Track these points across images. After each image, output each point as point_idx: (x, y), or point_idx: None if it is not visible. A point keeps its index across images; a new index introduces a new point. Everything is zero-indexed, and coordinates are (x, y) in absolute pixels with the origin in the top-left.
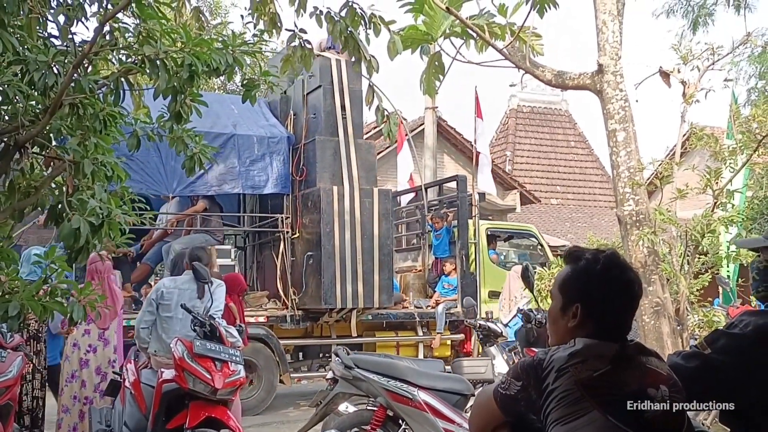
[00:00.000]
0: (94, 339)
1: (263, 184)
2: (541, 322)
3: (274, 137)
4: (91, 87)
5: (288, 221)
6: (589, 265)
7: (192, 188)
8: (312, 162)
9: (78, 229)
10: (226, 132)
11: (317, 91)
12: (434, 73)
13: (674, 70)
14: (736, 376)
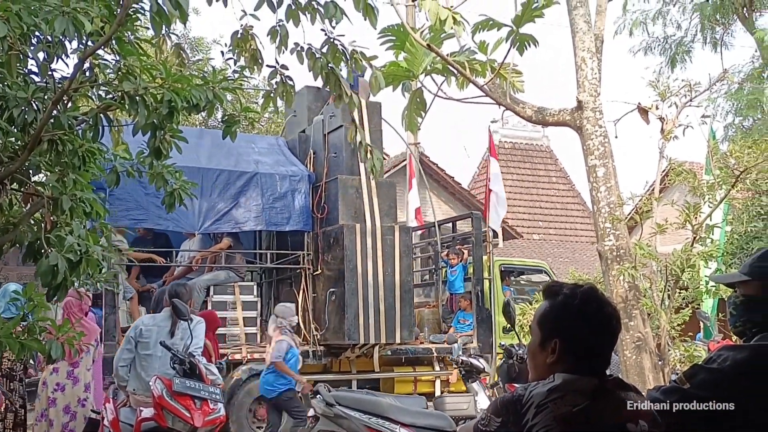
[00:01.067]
0: (62, 377)
1: (286, 222)
2: (522, 358)
3: (296, 175)
4: (71, 123)
5: (309, 258)
6: (567, 300)
7: (218, 225)
8: (334, 200)
9: (56, 266)
10: (249, 170)
11: (338, 131)
12: (416, 110)
13: (652, 107)
14: (714, 410)
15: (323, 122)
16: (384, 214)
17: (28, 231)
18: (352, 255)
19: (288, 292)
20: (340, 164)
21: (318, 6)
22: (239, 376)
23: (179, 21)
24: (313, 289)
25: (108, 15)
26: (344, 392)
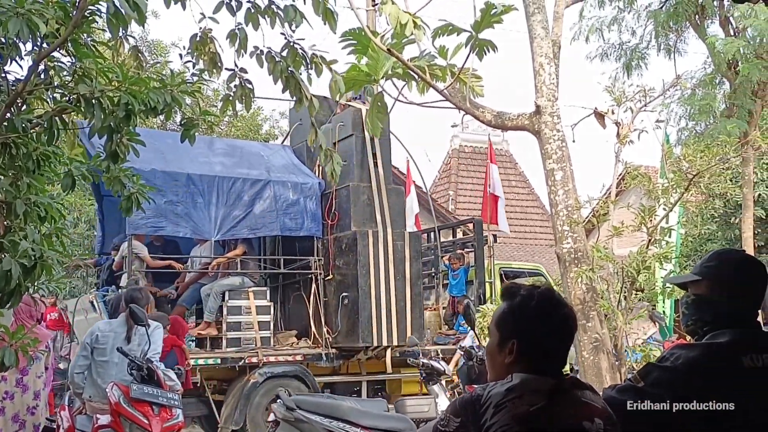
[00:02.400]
0: (11, 385)
1: (299, 228)
2: (482, 359)
3: (307, 183)
4: (24, 126)
5: (320, 263)
6: (524, 301)
7: (233, 232)
8: (345, 207)
9: (9, 271)
10: (263, 178)
11: (349, 140)
12: (377, 114)
13: (609, 112)
14: (668, 408)
15: (332, 131)
16: (394, 221)
17: None
18: (366, 260)
19: (297, 297)
20: (350, 172)
21: (277, 10)
22: (256, 379)
23: (137, 23)
24: (324, 294)
25: (63, 17)
26: (305, 396)
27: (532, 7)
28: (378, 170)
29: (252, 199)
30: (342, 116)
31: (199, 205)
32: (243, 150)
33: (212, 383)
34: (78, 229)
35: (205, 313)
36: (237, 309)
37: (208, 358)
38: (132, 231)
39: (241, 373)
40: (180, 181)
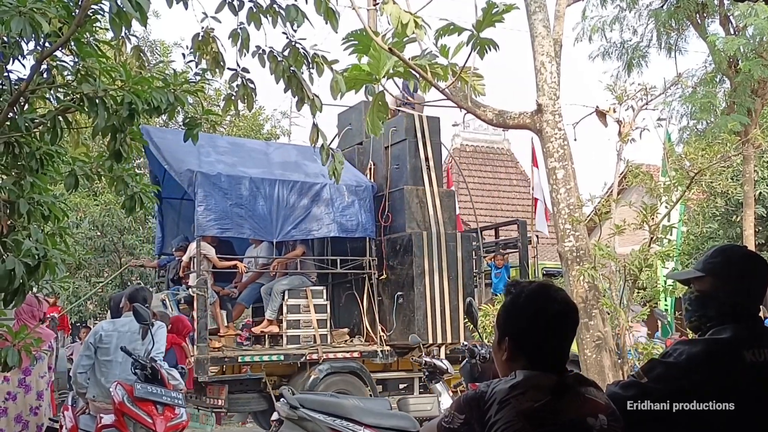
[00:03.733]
0: (13, 386)
1: (354, 229)
2: (485, 357)
3: (360, 186)
4: (28, 125)
5: (374, 263)
6: (514, 298)
7: (292, 233)
8: (399, 209)
9: (13, 271)
10: (319, 181)
11: (401, 144)
12: (378, 113)
13: (610, 110)
14: (670, 403)
15: (383, 135)
16: (446, 222)
17: None
18: (420, 260)
19: (348, 296)
20: (403, 175)
21: (279, 9)
22: (316, 375)
23: (139, 23)
24: (377, 293)
25: (66, 16)
26: (308, 395)
27: (534, 5)
28: (431, 173)
29: (310, 201)
30: (394, 122)
31: (260, 208)
32: (297, 154)
33: (272, 379)
34: (81, 228)
35: (267, 312)
36: (296, 307)
37: (272, 354)
38: (200, 233)
39: (300, 369)
40: (243, 184)
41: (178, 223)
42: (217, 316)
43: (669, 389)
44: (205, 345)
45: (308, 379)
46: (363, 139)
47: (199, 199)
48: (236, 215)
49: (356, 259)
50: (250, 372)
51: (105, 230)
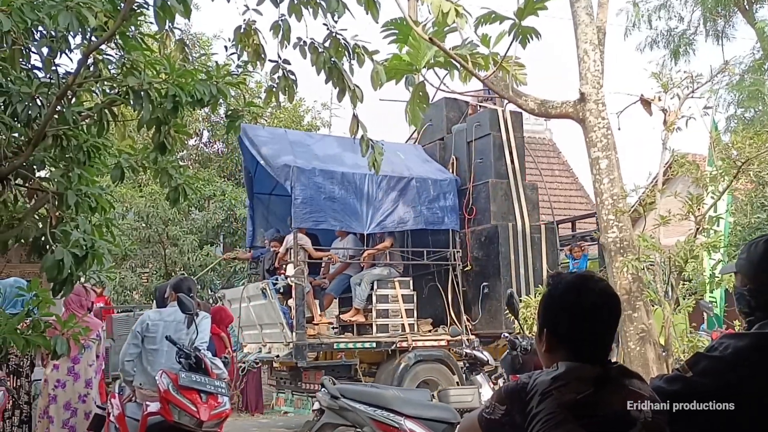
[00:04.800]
0: (62, 374)
1: (440, 221)
2: (526, 349)
3: (445, 179)
4: (75, 118)
5: (459, 255)
6: (551, 290)
7: (382, 226)
8: (483, 202)
9: (61, 261)
10: (406, 175)
11: (485, 139)
12: (419, 104)
13: (655, 99)
14: (716, 397)
15: (466, 131)
16: (530, 214)
17: (33, 226)
18: (506, 251)
19: (431, 287)
20: (487, 169)
21: (320, 0)
22: (406, 362)
23: (182, 16)
24: (462, 284)
25: (112, 10)
26: (348, 385)
27: None
28: (515, 166)
29: (397, 195)
30: (478, 117)
31: (352, 201)
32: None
33: (362, 366)
34: (126, 220)
35: (355, 301)
36: (385, 297)
37: (365, 342)
38: (297, 225)
39: (389, 356)
40: (336, 179)
41: (267, 217)
42: (312, 305)
43: (714, 384)
44: (303, 332)
45: (398, 366)
46: (444, 135)
47: (296, 193)
48: (329, 208)
49: (441, 250)
50: (344, 358)
51: (150, 221)
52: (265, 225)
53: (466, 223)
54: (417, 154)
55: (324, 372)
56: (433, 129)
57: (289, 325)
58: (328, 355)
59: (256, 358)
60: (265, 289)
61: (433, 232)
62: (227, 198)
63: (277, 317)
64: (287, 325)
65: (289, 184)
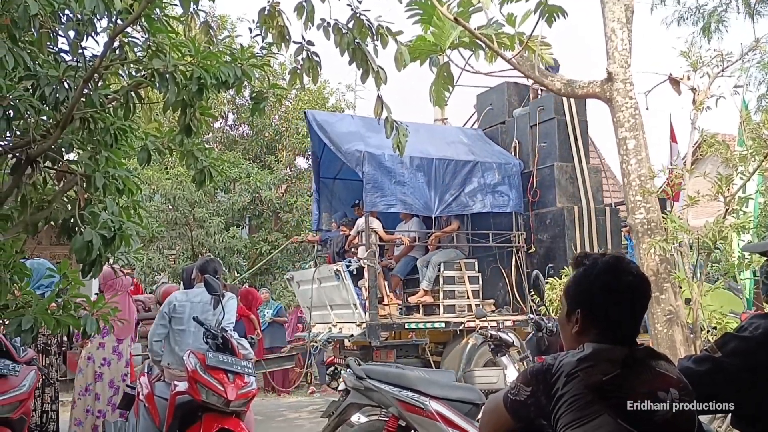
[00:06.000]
0: (108, 352)
1: (505, 204)
2: (552, 331)
3: (509, 163)
4: (102, 101)
5: (523, 237)
6: (588, 270)
7: (449, 209)
8: (548, 185)
9: (90, 242)
10: (471, 159)
11: (550, 123)
12: (443, 84)
13: (684, 78)
14: (745, 378)
15: (529, 114)
16: (594, 196)
17: (62, 208)
18: (572, 234)
19: (493, 269)
20: (552, 152)
21: None
22: (474, 342)
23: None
24: (526, 266)
25: None
26: (374, 366)
27: None
28: (579, 149)
29: (463, 179)
30: (542, 101)
31: (420, 185)
32: (444, 134)
33: (430, 345)
34: (153, 202)
35: (423, 282)
36: (451, 279)
37: (435, 322)
38: (369, 208)
39: (456, 336)
40: (404, 163)
41: (331, 201)
42: (381, 286)
43: (744, 364)
44: (376, 312)
45: (465, 346)
46: (506, 119)
47: (367, 178)
48: (399, 192)
49: (505, 233)
50: (415, 338)
51: (176, 204)
52: (329, 209)
53: (529, 206)
54: (479, 137)
55: (395, 351)
56: (494, 113)
57: (362, 306)
58: (398, 334)
59: (329, 337)
60: (339, 270)
61: (494, 215)
62: (252, 180)
63: (350, 298)
64: (360, 306)
65: (360, 169)
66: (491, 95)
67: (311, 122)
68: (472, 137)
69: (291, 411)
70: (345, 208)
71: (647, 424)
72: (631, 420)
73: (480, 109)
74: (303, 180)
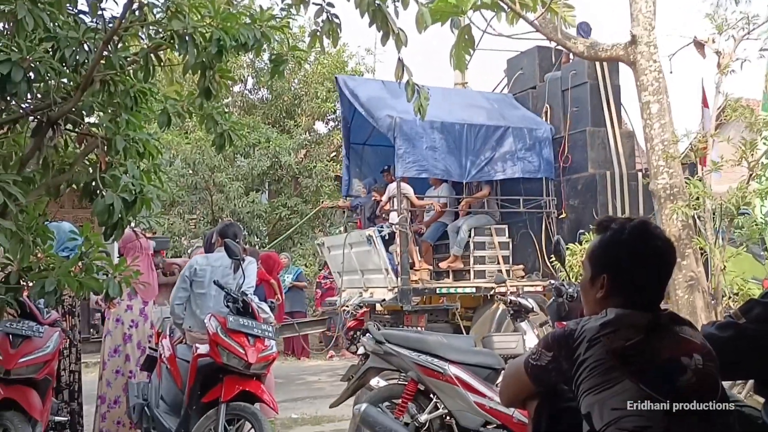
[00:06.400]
0: (136, 314)
1: (536, 170)
2: (572, 296)
3: (540, 128)
4: (121, 63)
5: (554, 203)
6: (615, 234)
7: (480, 175)
8: (580, 150)
9: (112, 205)
10: (502, 125)
11: (582, 87)
12: (464, 47)
13: (709, 40)
14: None
15: (561, 79)
16: (627, 162)
17: (83, 171)
18: (604, 199)
19: (523, 235)
20: (584, 117)
21: None
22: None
23: None
24: (556, 231)
25: None
26: (393, 330)
27: None
28: (612, 114)
29: (494, 144)
30: (574, 65)
31: (452, 151)
32: (475, 99)
33: (460, 310)
34: (174, 166)
35: (454, 248)
36: (482, 244)
37: (466, 287)
38: (401, 174)
39: (486, 301)
40: (436, 128)
41: (361, 167)
42: (412, 251)
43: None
44: (407, 277)
45: (496, 311)
46: (537, 83)
47: (399, 143)
48: (431, 158)
49: (536, 198)
50: (446, 302)
51: (196, 168)
52: (358, 175)
53: (561, 172)
54: (509, 102)
55: (426, 316)
56: (524, 77)
57: (394, 271)
58: (428, 299)
59: (360, 302)
60: (371, 236)
61: (524, 181)
62: (272, 145)
63: (382, 263)
64: (392, 271)
65: (392, 135)
66: (522, 60)
67: (342, 87)
68: (502, 102)
69: (310, 374)
70: (374, 174)
71: (670, 390)
72: (654, 385)
73: (510, 73)
74: (322, 145)
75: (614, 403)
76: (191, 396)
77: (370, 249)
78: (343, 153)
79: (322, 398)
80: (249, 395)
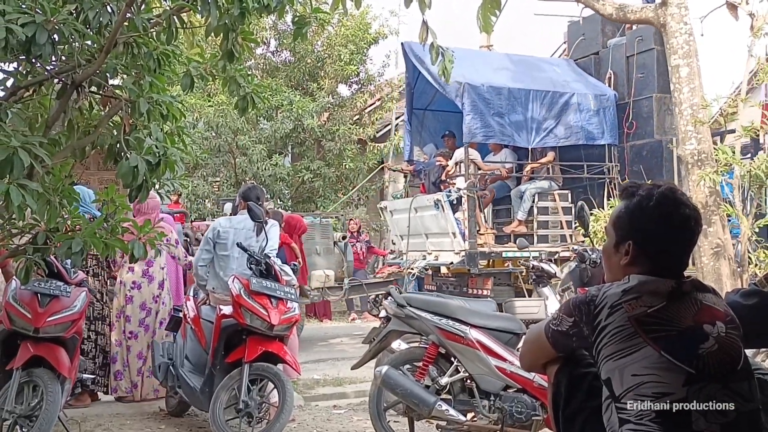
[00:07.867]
0: (137, 276)
1: (600, 136)
2: (595, 262)
3: (604, 94)
4: (145, 25)
5: (617, 169)
6: (642, 201)
7: (545, 141)
8: (646, 116)
9: (136, 168)
10: (567, 91)
11: (648, 53)
12: (490, 9)
13: (742, 2)
14: None
15: (626, 45)
16: None
17: (107, 133)
18: (670, 165)
19: (585, 200)
20: (649, 83)
21: None
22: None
23: None
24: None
25: None
26: (414, 294)
27: None
28: None
29: (559, 110)
30: (640, 31)
31: (518, 116)
32: (537, 65)
33: (524, 274)
34: (197, 129)
35: (518, 213)
36: (545, 210)
37: (532, 251)
38: (468, 139)
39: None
40: (503, 94)
41: (421, 132)
42: (478, 216)
43: None
44: (475, 241)
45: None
46: (599, 49)
47: (467, 109)
48: (497, 123)
49: (597, 164)
50: (511, 266)
51: (219, 131)
52: (418, 140)
53: (624, 138)
54: (571, 68)
55: (492, 279)
56: (586, 43)
57: (461, 234)
58: (493, 263)
59: (426, 264)
60: (438, 200)
61: (586, 147)
62: (295, 108)
63: (449, 227)
64: (460, 234)
65: (460, 100)
66: (584, 25)
67: (408, 53)
68: (565, 68)
69: (332, 336)
70: (434, 139)
71: (691, 358)
72: (675, 353)
73: (571, 39)
74: (345, 108)
75: (634, 369)
76: (215, 356)
77: (437, 213)
78: (404, 118)
79: (344, 360)
80: (272, 356)
